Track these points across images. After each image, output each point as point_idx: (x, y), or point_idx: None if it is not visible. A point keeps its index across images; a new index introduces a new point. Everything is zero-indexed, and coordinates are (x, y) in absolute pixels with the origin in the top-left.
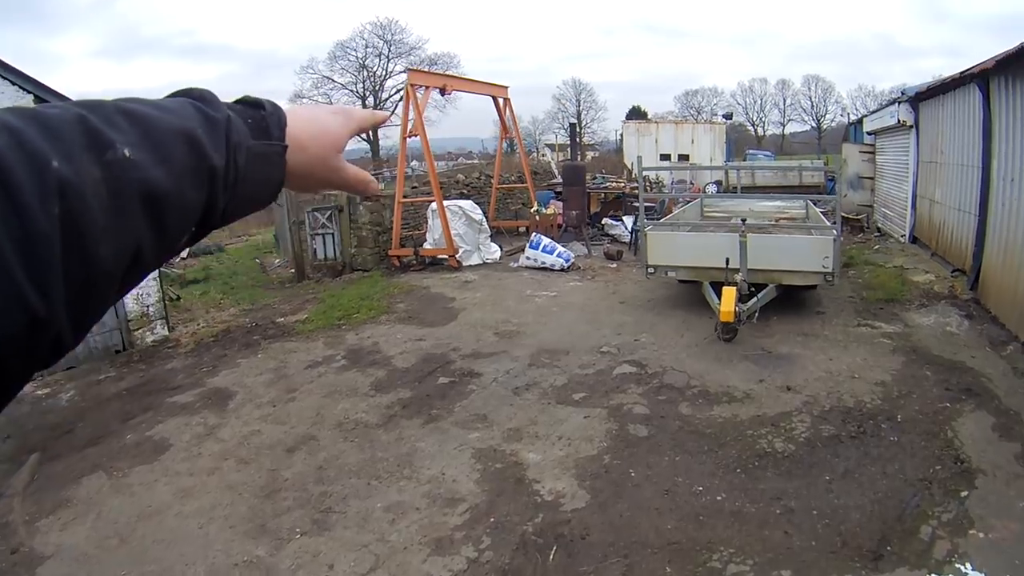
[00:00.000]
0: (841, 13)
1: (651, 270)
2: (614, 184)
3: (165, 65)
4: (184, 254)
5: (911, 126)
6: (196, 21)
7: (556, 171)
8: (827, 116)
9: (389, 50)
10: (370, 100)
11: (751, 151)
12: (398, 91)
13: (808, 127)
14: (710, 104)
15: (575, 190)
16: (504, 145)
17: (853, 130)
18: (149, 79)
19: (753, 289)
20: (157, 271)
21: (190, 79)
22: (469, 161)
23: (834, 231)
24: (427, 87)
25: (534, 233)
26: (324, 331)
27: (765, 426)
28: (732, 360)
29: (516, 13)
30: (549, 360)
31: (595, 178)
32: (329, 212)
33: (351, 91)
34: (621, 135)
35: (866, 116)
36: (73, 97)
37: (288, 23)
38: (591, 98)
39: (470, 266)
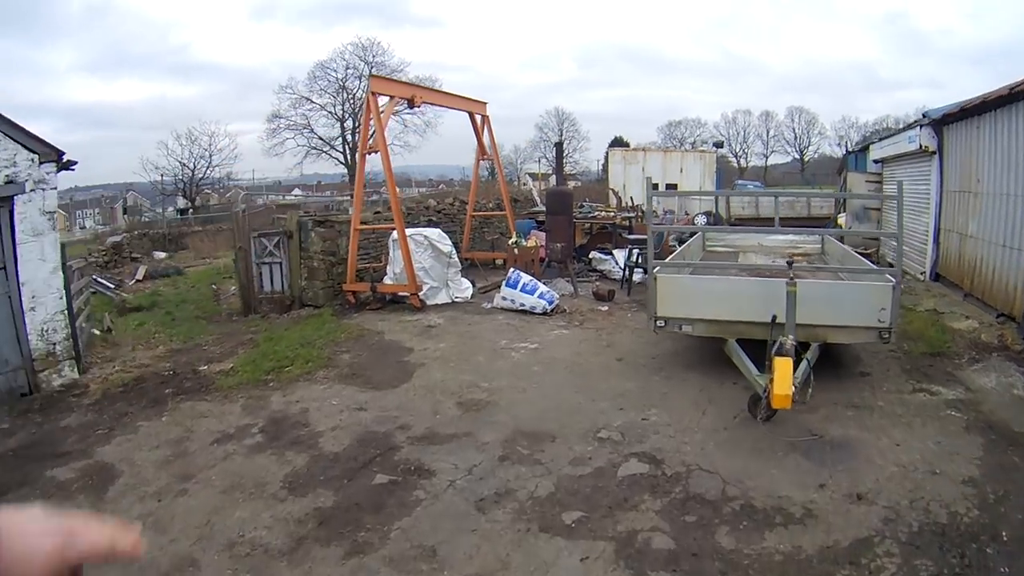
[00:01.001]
0: (823, 46)
1: (660, 323)
2: (603, 213)
3: (154, 83)
4: (140, 275)
5: (933, 152)
6: (187, 39)
7: (538, 199)
8: (810, 147)
9: (370, 72)
10: (348, 123)
11: (739, 181)
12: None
13: (790, 158)
14: (693, 135)
15: (560, 219)
16: (483, 171)
17: (854, 159)
18: (137, 94)
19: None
20: (88, 292)
21: (177, 97)
22: (450, 188)
23: (891, 277)
24: (392, 97)
25: (512, 269)
26: (248, 388)
27: (842, 566)
28: (776, 451)
29: (499, 42)
30: (529, 449)
31: (581, 207)
32: (277, 238)
33: (329, 112)
34: (603, 164)
35: (873, 143)
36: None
37: (278, 44)
38: (573, 127)
39: (436, 305)
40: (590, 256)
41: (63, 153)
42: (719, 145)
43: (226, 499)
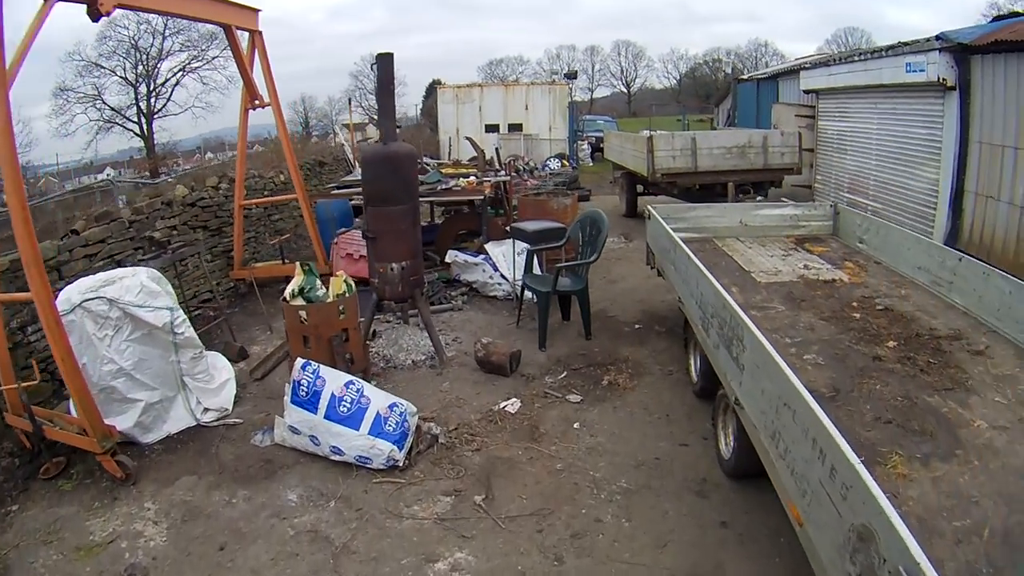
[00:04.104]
0: None
1: None
2: (463, 181)
3: None
4: None
5: (952, 87)
6: None
7: (352, 158)
8: (636, 80)
9: (165, 25)
10: (143, 87)
11: (588, 117)
12: (176, 74)
13: (611, 92)
14: (515, 73)
15: (397, 213)
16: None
17: (755, 87)
18: None
19: None
20: None
21: None
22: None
23: None
24: None
25: (302, 364)
26: None
27: None
28: None
29: None
30: None
31: (424, 171)
32: None
33: (121, 78)
34: (422, 108)
35: (804, 69)
36: None
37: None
38: None
39: (163, 450)
40: (446, 259)
41: None
42: (572, 76)
43: None
